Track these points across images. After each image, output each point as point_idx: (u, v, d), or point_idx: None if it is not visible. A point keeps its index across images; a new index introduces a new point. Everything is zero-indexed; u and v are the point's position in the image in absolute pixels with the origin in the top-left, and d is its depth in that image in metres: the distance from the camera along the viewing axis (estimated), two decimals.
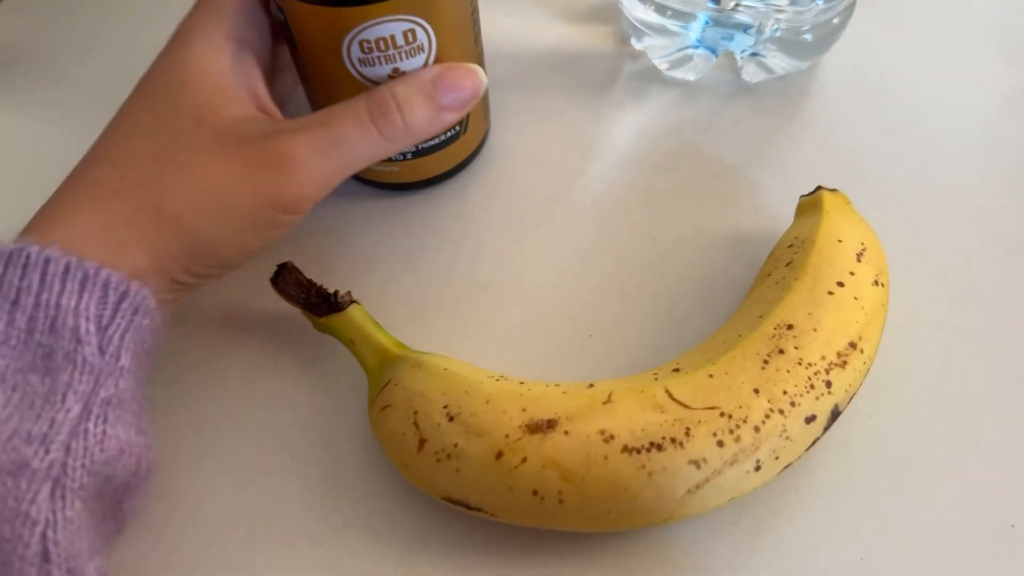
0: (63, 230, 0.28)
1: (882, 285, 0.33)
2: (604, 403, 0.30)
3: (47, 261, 0.26)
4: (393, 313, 0.37)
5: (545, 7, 0.48)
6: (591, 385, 0.31)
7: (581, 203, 0.40)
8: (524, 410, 0.30)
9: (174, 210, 0.29)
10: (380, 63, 0.33)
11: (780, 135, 0.41)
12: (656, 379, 0.31)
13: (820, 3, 0.38)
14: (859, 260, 0.33)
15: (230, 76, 0.31)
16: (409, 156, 0.38)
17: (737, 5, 0.39)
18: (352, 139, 0.31)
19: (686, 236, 0.39)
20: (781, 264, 0.34)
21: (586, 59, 0.46)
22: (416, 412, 0.31)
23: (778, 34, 0.40)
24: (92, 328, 0.26)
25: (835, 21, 0.40)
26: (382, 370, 0.33)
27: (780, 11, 0.38)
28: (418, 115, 0.32)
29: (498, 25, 0.44)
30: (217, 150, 0.30)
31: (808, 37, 0.40)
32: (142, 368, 0.30)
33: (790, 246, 0.34)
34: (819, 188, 0.36)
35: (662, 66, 0.44)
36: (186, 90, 0.31)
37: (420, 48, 0.33)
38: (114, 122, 0.31)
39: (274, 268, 0.35)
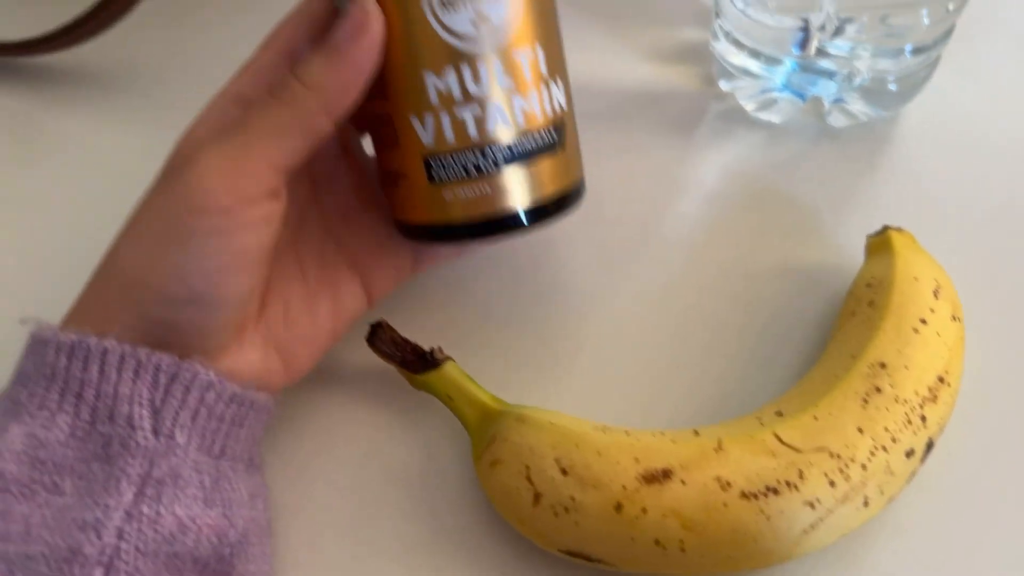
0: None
1: (958, 320, 0.34)
2: (716, 450, 0.31)
3: (105, 352, 0.28)
4: (481, 359, 0.37)
5: (633, 47, 0.49)
6: (697, 432, 0.32)
7: (669, 238, 0.42)
8: (637, 460, 0.31)
9: (108, 257, 0.30)
10: (463, 3, 0.29)
11: (863, 180, 0.43)
12: (762, 424, 0.32)
13: (908, 56, 0.40)
14: (936, 297, 0.34)
15: None
16: (502, 164, 0.30)
17: (821, 53, 0.40)
18: (253, 117, 0.29)
19: (771, 272, 0.40)
20: (863, 303, 0.35)
21: (673, 98, 0.47)
22: (528, 467, 0.31)
23: (865, 83, 0.41)
24: (145, 413, 0.28)
25: (921, 73, 0.42)
26: (484, 425, 0.34)
27: (864, 60, 0.40)
28: (313, 65, 0.29)
29: (587, 63, 0.45)
30: (153, 184, 0.30)
31: (893, 87, 0.42)
32: (229, 437, 0.30)
33: (868, 285, 0.36)
34: (886, 228, 0.37)
35: (748, 107, 0.45)
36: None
37: None
38: None
39: (368, 328, 0.35)
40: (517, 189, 0.31)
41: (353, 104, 0.29)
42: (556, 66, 0.32)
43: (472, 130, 0.30)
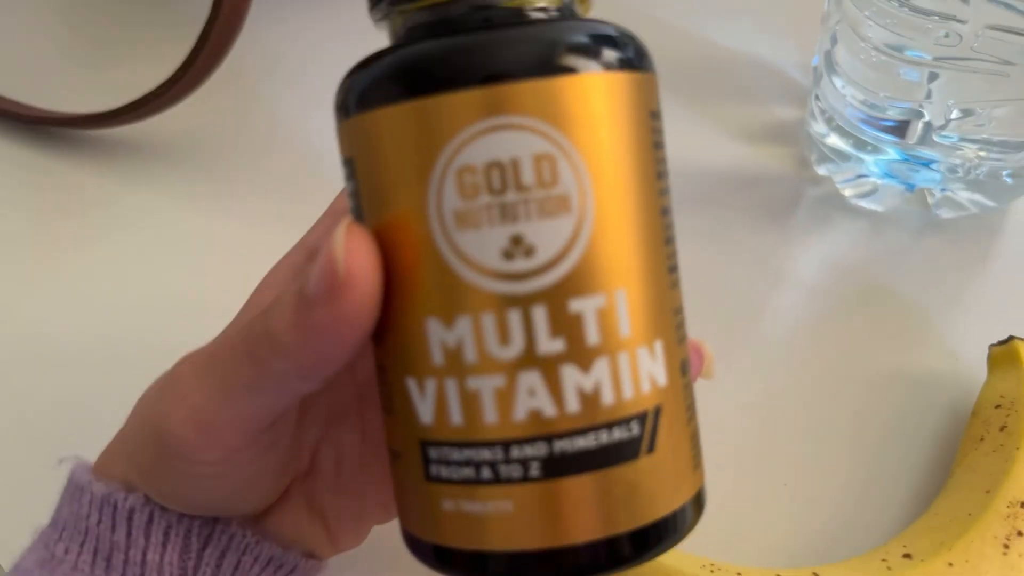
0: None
1: None
2: None
3: (131, 511, 0.25)
4: None
5: (720, 126, 0.47)
6: (816, 575, 0.29)
7: (766, 339, 0.39)
8: None
9: (135, 426, 0.26)
10: (489, 220, 0.19)
11: (975, 276, 0.40)
12: (889, 568, 0.29)
13: None
14: None
15: None
16: (533, 471, 0.19)
17: (925, 142, 0.38)
18: (223, 364, 0.22)
19: (881, 379, 0.37)
20: (993, 428, 0.32)
21: (765, 181, 0.44)
22: None
23: (981, 176, 0.39)
24: None
25: None
26: None
27: (973, 151, 0.37)
28: (279, 320, 0.21)
29: (675, 143, 0.43)
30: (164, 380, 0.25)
31: (1009, 180, 0.39)
32: None
33: (997, 406, 0.33)
34: (1012, 338, 0.35)
35: (847, 193, 0.43)
36: None
37: (562, 204, 0.19)
38: None
39: None
40: (560, 517, 0.19)
41: (341, 367, 0.21)
42: (651, 322, 0.20)
43: (490, 413, 0.19)
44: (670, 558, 0.30)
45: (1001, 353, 0.34)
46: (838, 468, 0.35)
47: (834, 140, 0.42)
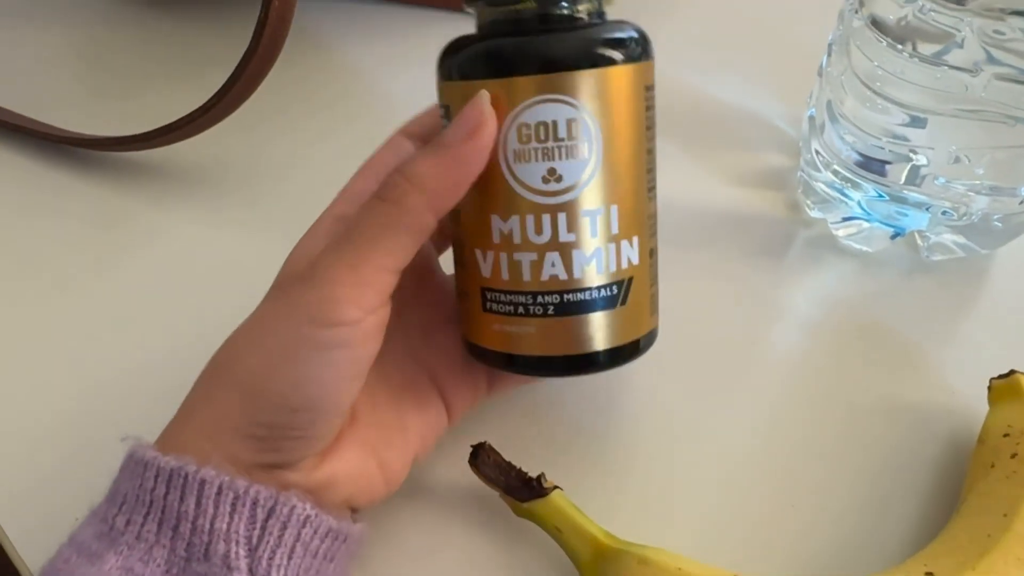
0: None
1: None
2: None
3: (203, 483, 0.27)
4: (583, 492, 0.34)
5: (716, 173, 0.49)
6: None
7: (769, 365, 0.40)
8: None
9: (225, 361, 0.29)
10: (535, 157, 0.29)
11: (967, 316, 0.42)
12: None
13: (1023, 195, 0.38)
14: None
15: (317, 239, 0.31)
16: (550, 311, 0.30)
17: (920, 187, 0.39)
18: (362, 221, 0.28)
19: (879, 409, 0.38)
20: (1004, 455, 0.33)
21: (760, 223, 0.46)
22: None
23: (973, 221, 0.40)
24: (242, 552, 0.27)
25: None
26: (599, 564, 0.30)
27: (977, 194, 0.39)
28: (419, 163, 0.28)
29: (673, 186, 0.44)
30: (274, 294, 0.30)
31: (999, 224, 0.40)
32: (320, 573, 0.29)
33: (1006, 435, 0.33)
34: (1013, 372, 0.36)
35: (840, 234, 0.44)
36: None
37: (582, 151, 0.29)
38: None
39: (469, 449, 0.32)
40: (564, 337, 0.30)
41: (455, 203, 0.29)
42: (632, 224, 0.30)
43: (526, 274, 0.30)
44: (694, 567, 0.30)
45: (1004, 386, 0.35)
46: (841, 491, 0.36)
47: (831, 184, 0.43)
